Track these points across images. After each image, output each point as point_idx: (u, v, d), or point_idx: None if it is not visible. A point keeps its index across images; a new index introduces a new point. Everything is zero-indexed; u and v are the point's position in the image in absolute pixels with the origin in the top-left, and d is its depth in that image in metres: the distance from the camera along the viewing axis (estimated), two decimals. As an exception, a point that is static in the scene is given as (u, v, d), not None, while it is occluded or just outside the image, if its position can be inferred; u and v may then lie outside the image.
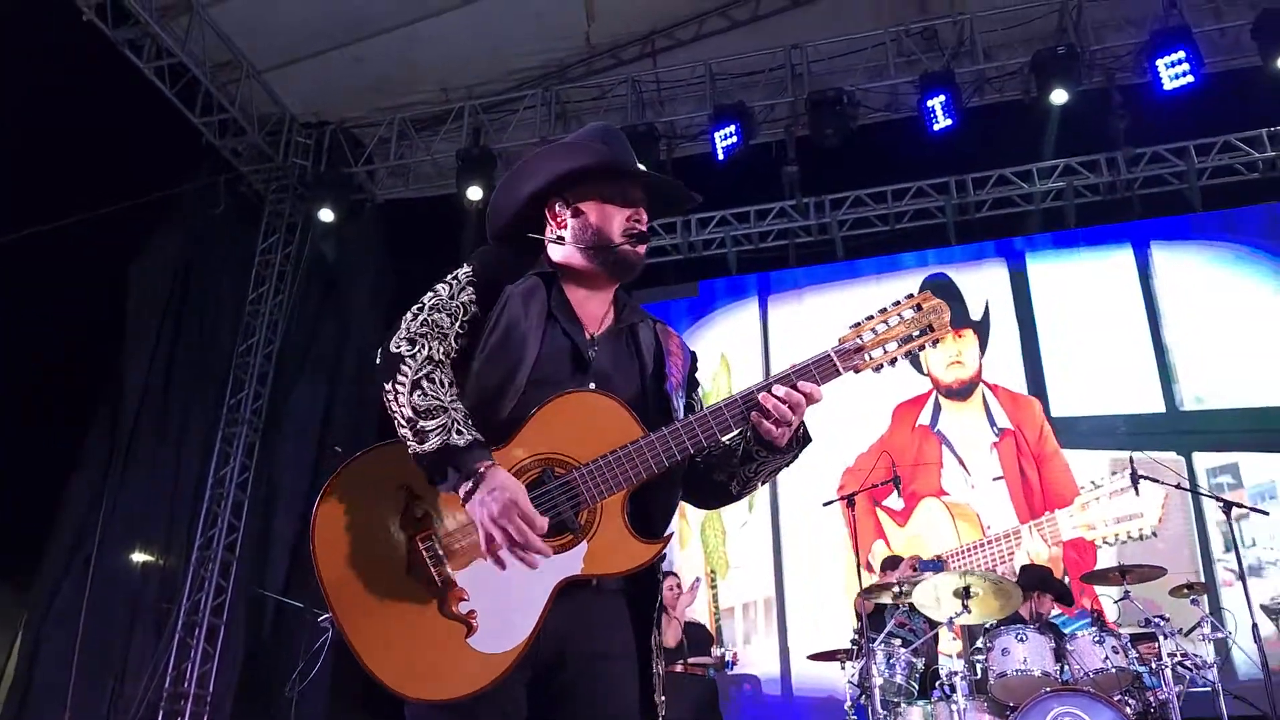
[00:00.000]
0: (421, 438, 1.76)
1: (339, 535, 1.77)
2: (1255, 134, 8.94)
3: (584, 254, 2.05)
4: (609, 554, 1.83)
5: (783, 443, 1.95)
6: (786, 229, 9.85)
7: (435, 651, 1.73)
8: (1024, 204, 9.49)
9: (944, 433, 8.57)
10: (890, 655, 5.49)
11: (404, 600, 1.75)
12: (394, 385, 1.82)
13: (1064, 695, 4.81)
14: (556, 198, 2.11)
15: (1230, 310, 8.39)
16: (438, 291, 1.97)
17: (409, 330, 1.89)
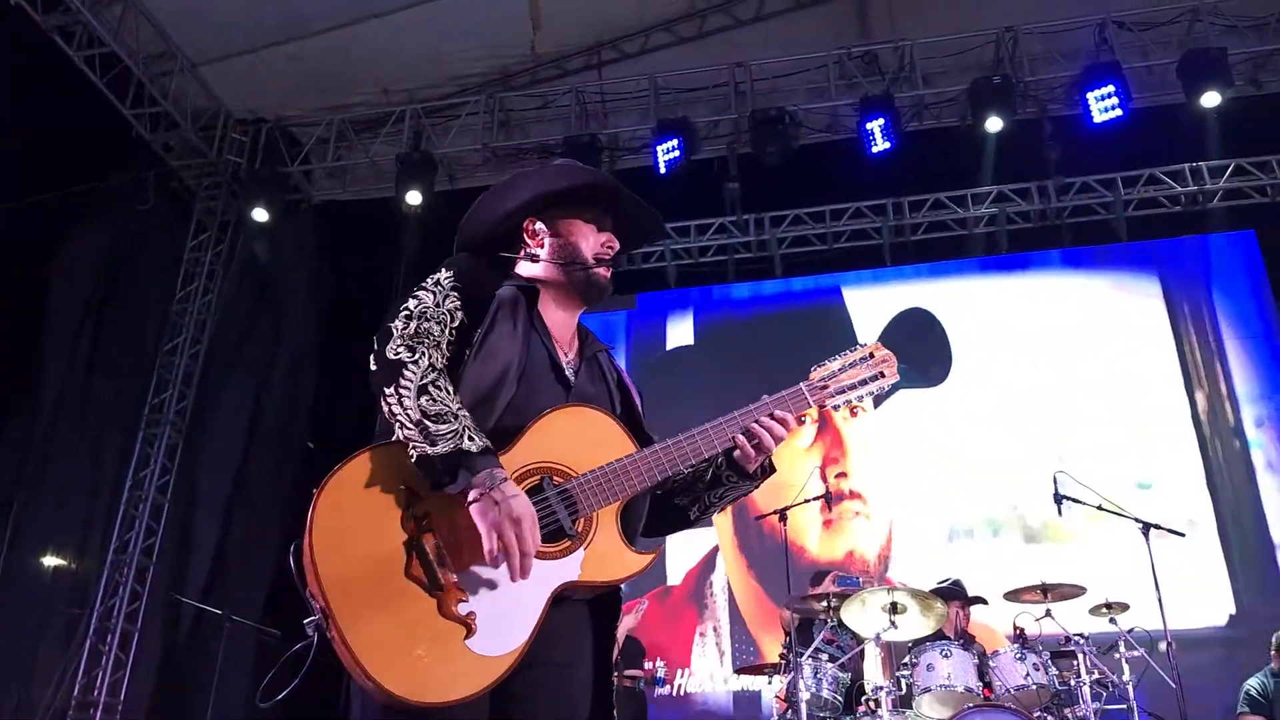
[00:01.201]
0: (432, 441, 1.77)
1: (338, 535, 1.74)
2: (1178, 168, 9.23)
3: (559, 271, 2.13)
4: (605, 562, 1.89)
5: (752, 469, 2.07)
6: (726, 244, 9.91)
7: (436, 653, 1.72)
8: (958, 228, 9.67)
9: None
10: (818, 670, 5.51)
11: (403, 601, 1.73)
12: (397, 390, 1.82)
13: (986, 711, 4.88)
14: (536, 216, 2.18)
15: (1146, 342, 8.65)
16: (421, 299, 1.97)
17: (404, 337, 1.89)
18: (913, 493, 8.48)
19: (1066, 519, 5.87)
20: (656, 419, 2.24)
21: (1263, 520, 7.95)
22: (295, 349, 9.68)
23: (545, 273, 2.15)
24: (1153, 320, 8.76)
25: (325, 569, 1.71)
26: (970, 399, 8.73)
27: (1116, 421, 8.41)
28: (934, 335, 8.99)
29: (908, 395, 8.82)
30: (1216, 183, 9.16)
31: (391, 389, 1.83)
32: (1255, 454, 8.18)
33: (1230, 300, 8.71)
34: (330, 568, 1.71)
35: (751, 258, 9.90)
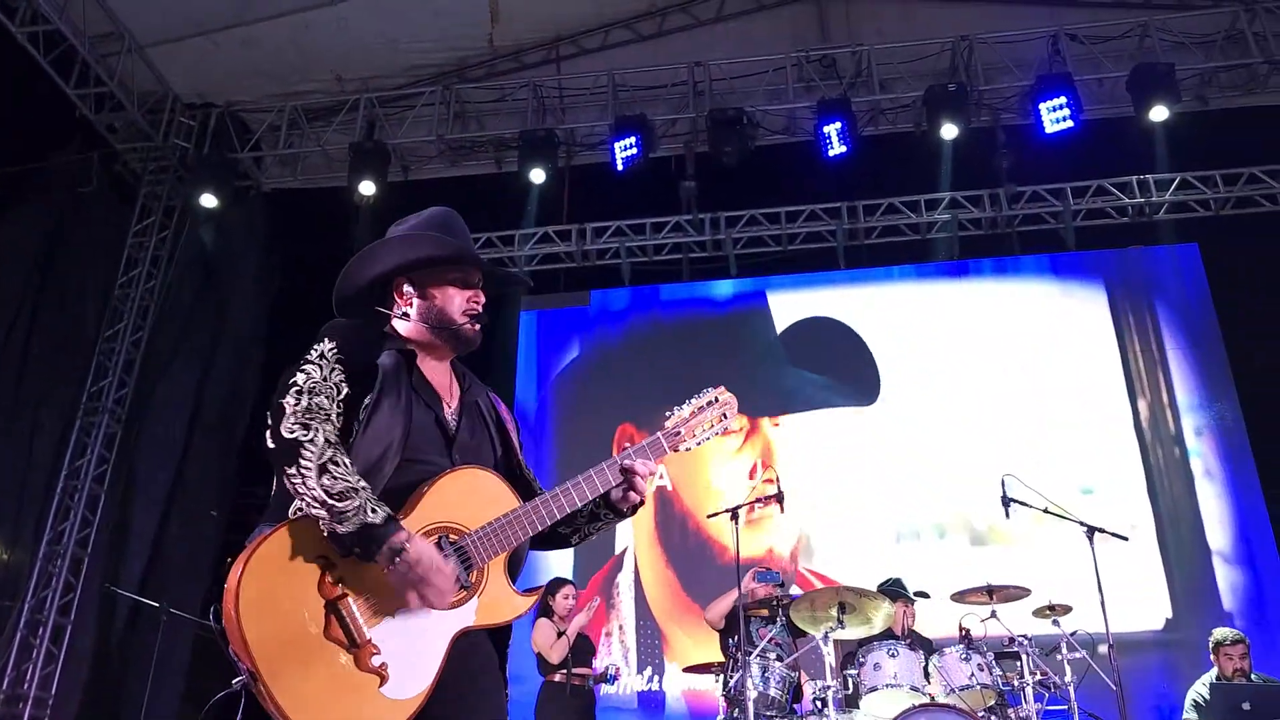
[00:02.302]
0: (339, 519, 1.92)
1: (260, 604, 1.88)
2: (1126, 180, 9.40)
3: (429, 331, 2.29)
4: (497, 607, 2.13)
5: (626, 508, 2.36)
6: (681, 243, 9.90)
7: (354, 703, 1.92)
8: (910, 233, 9.75)
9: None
10: (765, 668, 5.51)
11: (324, 659, 1.92)
12: (299, 470, 1.94)
13: (932, 710, 4.91)
14: (404, 279, 2.32)
15: (1092, 350, 8.81)
16: (308, 372, 2.07)
17: (297, 416, 1.99)
18: (856, 495, 8.53)
19: (1013, 522, 5.92)
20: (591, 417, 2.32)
21: (1200, 527, 8.11)
22: (241, 340, 9.49)
23: (416, 332, 2.30)
24: (1098, 329, 8.91)
25: (252, 634, 1.86)
26: (916, 403, 8.80)
27: (1061, 427, 8.54)
28: (851, 346, 9.14)
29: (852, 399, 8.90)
30: (1163, 195, 9.33)
31: (294, 469, 1.94)
32: (1194, 462, 8.35)
33: (1173, 311, 8.89)
34: (256, 633, 1.86)
35: (706, 257, 9.90)
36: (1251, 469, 8.18)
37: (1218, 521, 8.11)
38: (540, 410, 9.37)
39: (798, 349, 9.26)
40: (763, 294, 9.58)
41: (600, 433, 8.99)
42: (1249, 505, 8.09)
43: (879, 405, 8.90)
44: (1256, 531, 7.99)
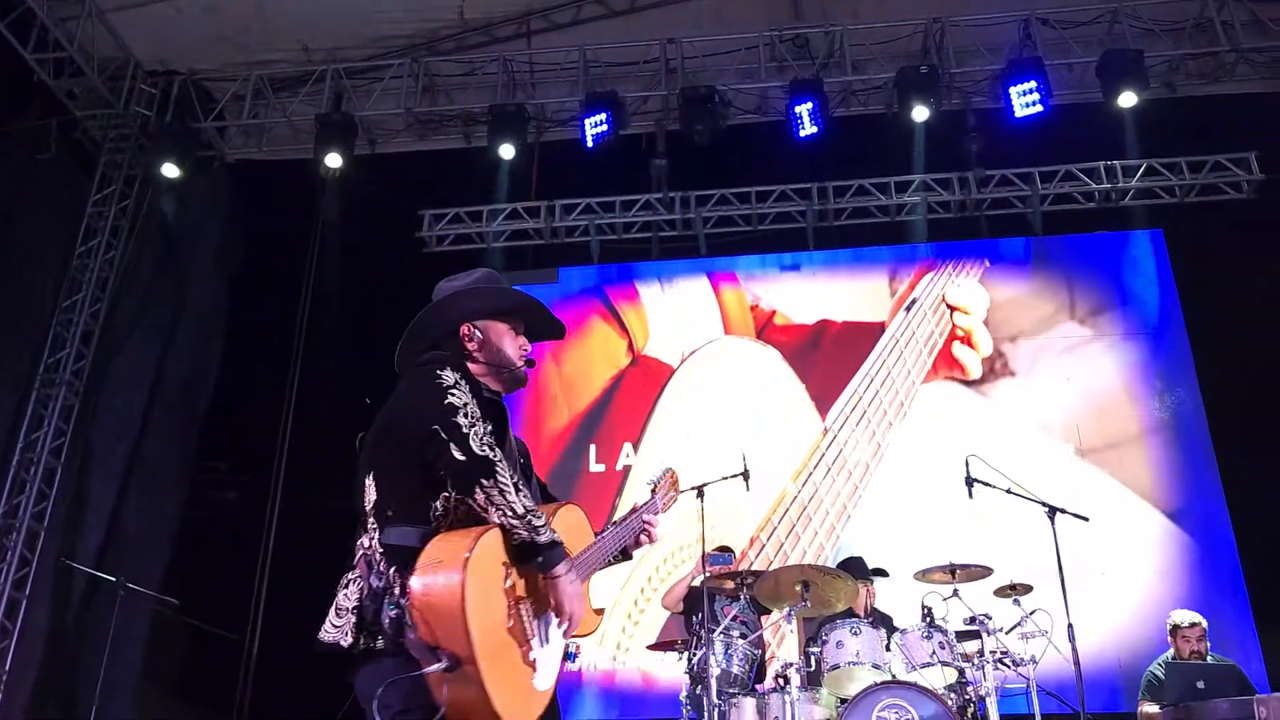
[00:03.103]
0: (537, 532, 2.25)
1: (481, 598, 2.13)
2: (1094, 166, 9.45)
3: (489, 371, 2.55)
4: (587, 621, 2.48)
5: (633, 552, 2.79)
6: (651, 221, 9.85)
7: (523, 690, 2.22)
8: (880, 215, 9.76)
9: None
10: (728, 646, 5.52)
11: (509, 651, 2.21)
12: (496, 484, 2.21)
13: (892, 688, 4.93)
14: (471, 324, 2.57)
15: (1056, 335, 8.88)
16: (461, 398, 2.27)
17: (479, 437, 2.23)
18: (819, 474, 8.56)
19: (977, 502, 5.95)
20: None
21: (1159, 510, 8.21)
22: (203, 313, 9.35)
23: (479, 372, 2.52)
24: (1063, 313, 8.97)
25: (475, 625, 2.09)
26: (883, 381, 8.84)
27: (1027, 407, 8.61)
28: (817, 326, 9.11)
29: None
30: (1129, 182, 9.40)
31: (490, 482, 2.21)
32: (1154, 445, 8.43)
33: (1137, 296, 8.96)
34: (477, 625, 2.10)
35: (676, 236, 9.85)
36: (1210, 454, 8.28)
37: (1176, 505, 8.21)
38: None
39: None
40: (733, 276, 9.56)
41: (566, 414, 8.95)
42: (1207, 490, 8.19)
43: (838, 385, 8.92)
44: (1213, 516, 8.10)
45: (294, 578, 8.93)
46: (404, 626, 2.11)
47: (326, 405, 9.53)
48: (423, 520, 2.24)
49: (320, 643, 2.29)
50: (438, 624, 2.08)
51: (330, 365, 9.41)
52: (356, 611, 2.23)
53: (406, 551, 2.19)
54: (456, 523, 2.26)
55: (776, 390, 9.01)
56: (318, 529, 9.64)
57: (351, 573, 2.30)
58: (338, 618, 2.27)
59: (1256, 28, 8.62)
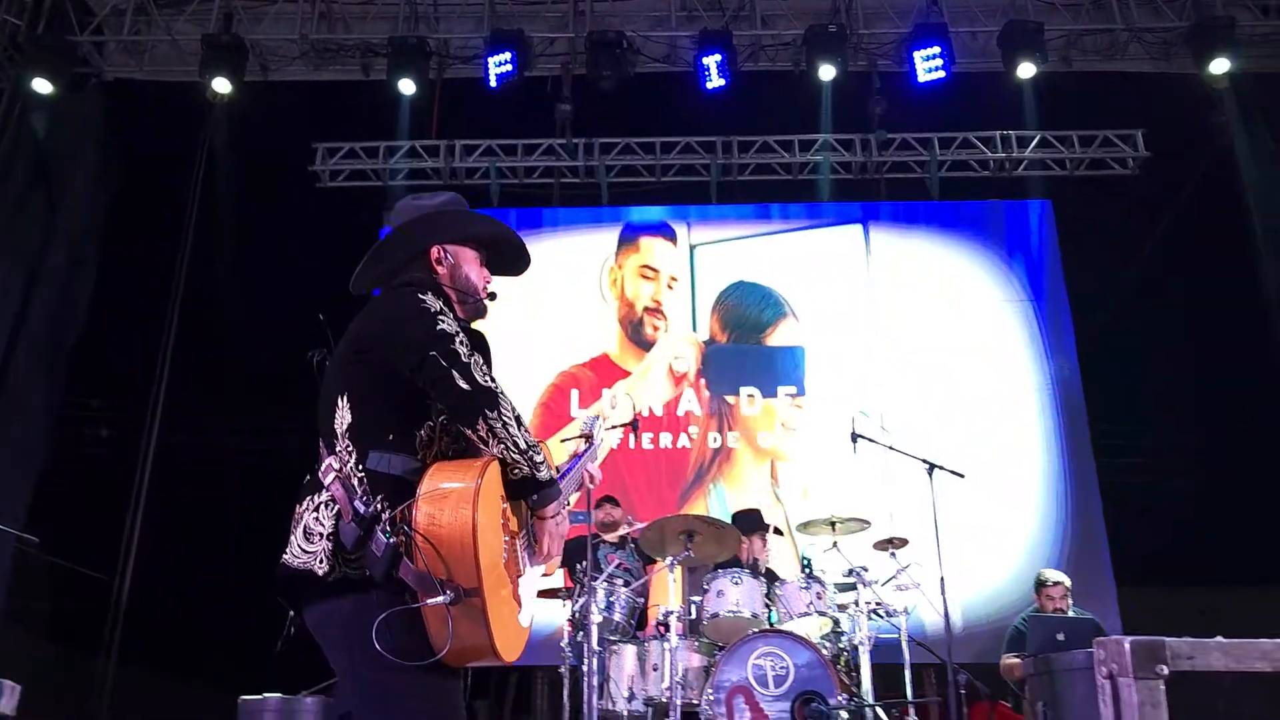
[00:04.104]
0: (536, 468, 2.21)
1: (487, 531, 2.09)
2: (991, 135, 9.63)
3: (457, 295, 2.45)
4: (549, 565, 2.48)
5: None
6: (553, 167, 9.69)
7: (512, 624, 2.20)
8: (783, 173, 9.79)
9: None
10: (611, 594, 5.53)
11: (503, 585, 2.18)
12: (500, 416, 2.14)
13: (769, 636, 5.02)
14: (442, 248, 2.45)
15: (948, 297, 9.08)
16: (457, 329, 2.20)
17: (480, 368, 2.16)
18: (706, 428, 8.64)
19: (862, 458, 6.07)
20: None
21: (1037, 471, 8.51)
22: (74, 239, 8.84)
23: (448, 297, 2.42)
24: (957, 278, 9.16)
25: (483, 558, 2.04)
26: (781, 343, 8.93)
27: (909, 372, 8.79)
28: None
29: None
30: (1023, 152, 9.61)
31: (494, 413, 2.13)
32: (1035, 410, 8.72)
33: (1024, 265, 9.21)
34: (485, 557, 2.05)
35: (578, 183, 9.72)
36: (1083, 420, 8.61)
37: (1050, 467, 8.53)
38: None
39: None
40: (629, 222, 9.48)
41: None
42: (1079, 454, 8.52)
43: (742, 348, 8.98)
44: (1083, 480, 8.44)
45: (167, 516, 8.64)
46: (399, 557, 2.03)
47: (209, 340, 9.18)
48: (408, 448, 2.16)
49: (286, 568, 2.16)
50: (447, 555, 2.03)
51: (214, 298, 9.05)
52: (333, 538, 2.10)
53: (395, 480, 2.11)
54: (440, 453, 2.19)
55: (675, 348, 9.01)
56: (194, 466, 9.37)
57: (318, 495, 2.17)
58: (308, 543, 2.13)
59: (1149, 8, 8.86)
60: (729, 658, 4.91)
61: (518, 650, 2.20)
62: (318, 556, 2.11)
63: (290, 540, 2.18)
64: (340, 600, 2.10)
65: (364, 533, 2.06)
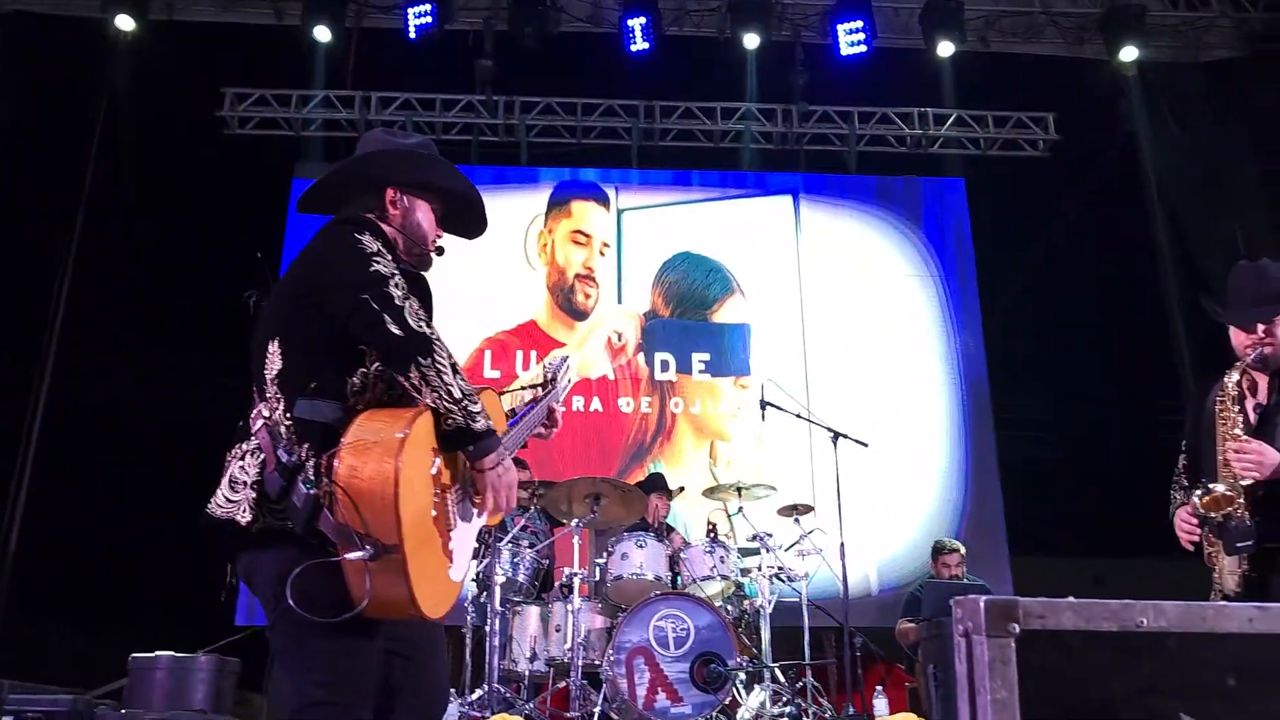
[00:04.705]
0: (472, 418, 2.10)
1: (411, 485, 2.01)
2: (909, 111, 9.75)
3: (404, 241, 2.36)
4: (493, 515, 2.37)
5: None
6: (472, 124, 9.52)
7: (441, 580, 2.14)
8: (705, 140, 9.78)
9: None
10: (515, 555, 5.53)
11: (432, 540, 2.11)
12: (434, 363, 2.05)
13: (671, 599, 5.07)
14: (400, 191, 2.38)
15: (862, 271, 9.21)
16: (393, 271, 2.12)
17: (414, 311, 2.08)
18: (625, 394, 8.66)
19: (771, 425, 6.15)
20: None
21: (940, 443, 8.73)
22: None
23: (395, 238, 2.34)
24: (868, 254, 9.27)
25: (405, 513, 1.97)
26: (728, 319, 8.95)
27: (827, 344, 8.91)
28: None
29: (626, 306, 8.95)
30: (939, 129, 9.75)
31: (428, 360, 2.05)
32: (940, 384, 8.92)
33: (936, 241, 9.37)
34: (407, 512, 1.98)
35: (497, 141, 9.57)
36: (986, 394, 8.85)
37: (953, 440, 8.75)
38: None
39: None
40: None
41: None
42: (980, 428, 8.76)
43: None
44: (983, 453, 8.69)
45: (62, 466, 8.36)
46: (319, 509, 1.97)
47: (109, 288, 8.86)
48: (338, 395, 2.08)
49: (209, 517, 2.11)
50: (366, 509, 1.95)
51: (115, 244, 8.72)
52: (257, 487, 2.05)
53: (321, 428, 2.04)
54: (374, 401, 2.11)
55: (614, 320, 8.96)
56: (92, 416, 9.06)
57: (246, 443, 2.11)
58: (233, 492, 2.08)
59: (1067, -7, 9.06)
60: (631, 619, 4.96)
61: (445, 606, 2.14)
62: (241, 506, 2.06)
63: (217, 489, 2.13)
64: (263, 552, 2.06)
65: (287, 483, 2.01)
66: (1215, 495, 2.86)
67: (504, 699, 5.15)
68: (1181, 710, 1.30)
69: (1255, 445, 2.86)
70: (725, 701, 4.88)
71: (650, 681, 4.83)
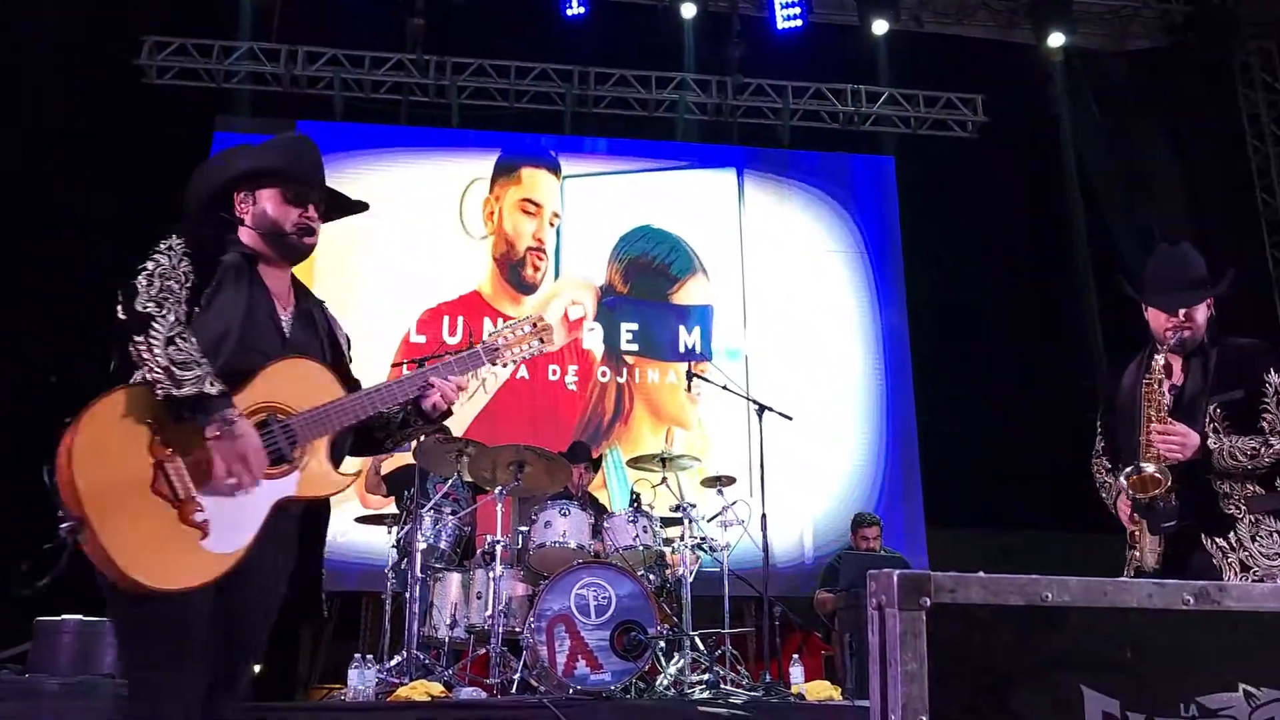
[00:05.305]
0: (178, 384, 2.17)
1: (93, 456, 2.12)
2: (842, 88, 9.80)
3: (262, 239, 2.51)
4: (316, 481, 2.42)
5: (434, 416, 2.62)
6: (402, 84, 9.31)
7: (174, 551, 2.18)
8: (639, 109, 9.71)
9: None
10: (438, 521, 5.49)
11: (150, 511, 2.17)
12: (148, 340, 2.18)
13: (593, 568, 5.07)
14: (242, 190, 2.55)
15: (794, 246, 9.28)
16: (159, 261, 2.28)
17: (149, 294, 2.23)
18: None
19: (718, 399, 6.17)
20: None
21: (862, 417, 8.88)
22: None
23: (252, 239, 2.52)
24: (800, 229, 9.34)
25: (82, 484, 2.09)
26: (689, 301, 8.93)
27: (763, 319, 8.96)
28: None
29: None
30: (872, 107, 9.83)
31: (142, 338, 2.19)
32: (866, 361, 9.06)
33: (865, 219, 9.47)
34: (86, 483, 2.09)
35: (428, 102, 9.37)
36: (909, 370, 9.01)
37: (875, 415, 8.91)
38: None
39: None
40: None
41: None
42: (902, 404, 8.94)
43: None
44: (904, 429, 8.87)
45: None
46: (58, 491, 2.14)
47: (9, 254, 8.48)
48: (125, 379, 2.25)
49: None
50: (62, 484, 2.12)
51: (18, 202, 8.34)
52: None
53: None
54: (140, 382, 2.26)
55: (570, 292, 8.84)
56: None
57: None
58: None
59: (999, -25, 9.18)
60: (552, 587, 4.95)
61: (193, 575, 2.19)
62: None
63: None
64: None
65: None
66: (1144, 475, 2.92)
67: (423, 665, 5.12)
68: (1082, 682, 1.34)
69: (1180, 427, 2.93)
70: (645, 669, 4.92)
71: (570, 649, 4.85)
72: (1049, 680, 1.33)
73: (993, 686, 1.31)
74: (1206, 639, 1.41)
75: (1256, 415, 2.96)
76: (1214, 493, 2.94)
